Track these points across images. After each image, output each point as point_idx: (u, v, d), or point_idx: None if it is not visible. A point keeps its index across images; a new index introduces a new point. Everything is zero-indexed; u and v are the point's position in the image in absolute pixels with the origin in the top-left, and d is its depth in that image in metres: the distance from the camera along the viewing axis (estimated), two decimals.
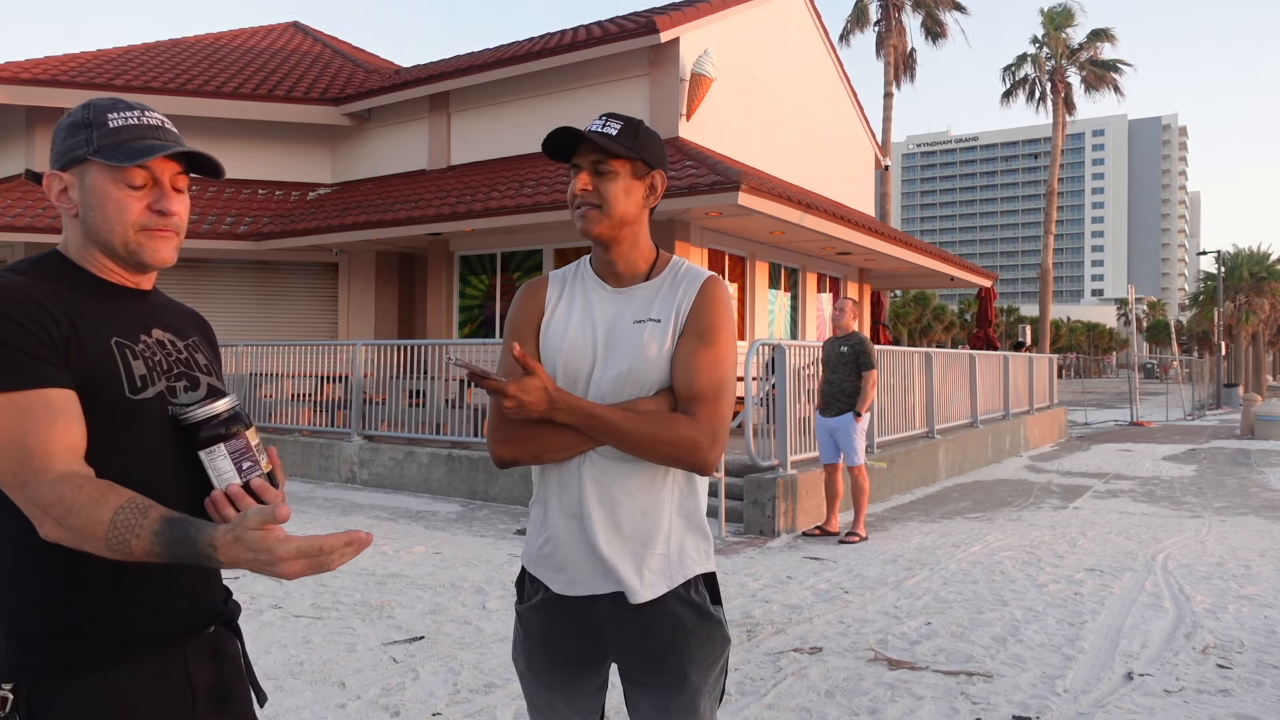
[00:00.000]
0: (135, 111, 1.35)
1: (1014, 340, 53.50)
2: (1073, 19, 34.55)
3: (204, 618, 1.37)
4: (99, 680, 1.23)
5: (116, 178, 1.31)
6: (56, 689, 1.21)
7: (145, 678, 1.27)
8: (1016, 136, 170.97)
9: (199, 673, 1.33)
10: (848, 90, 16.73)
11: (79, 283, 1.33)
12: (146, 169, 1.32)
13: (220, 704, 1.36)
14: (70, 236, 1.37)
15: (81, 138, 1.32)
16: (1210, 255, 39.88)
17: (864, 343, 7.26)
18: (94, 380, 1.25)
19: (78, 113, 1.34)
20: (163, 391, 1.33)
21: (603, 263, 1.75)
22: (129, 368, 1.29)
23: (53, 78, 13.61)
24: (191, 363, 1.42)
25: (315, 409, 10.86)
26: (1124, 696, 3.77)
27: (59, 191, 1.34)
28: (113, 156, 1.30)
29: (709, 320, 1.67)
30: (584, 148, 1.68)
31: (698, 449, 1.60)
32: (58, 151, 1.34)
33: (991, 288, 18.56)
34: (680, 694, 1.66)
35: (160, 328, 1.40)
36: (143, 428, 1.29)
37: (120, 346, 1.29)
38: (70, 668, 1.22)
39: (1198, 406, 28.85)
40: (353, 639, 4.43)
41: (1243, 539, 7.36)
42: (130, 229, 1.33)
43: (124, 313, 1.35)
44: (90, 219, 1.33)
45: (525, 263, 12.48)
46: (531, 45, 12.87)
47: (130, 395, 1.28)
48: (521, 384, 1.55)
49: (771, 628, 4.72)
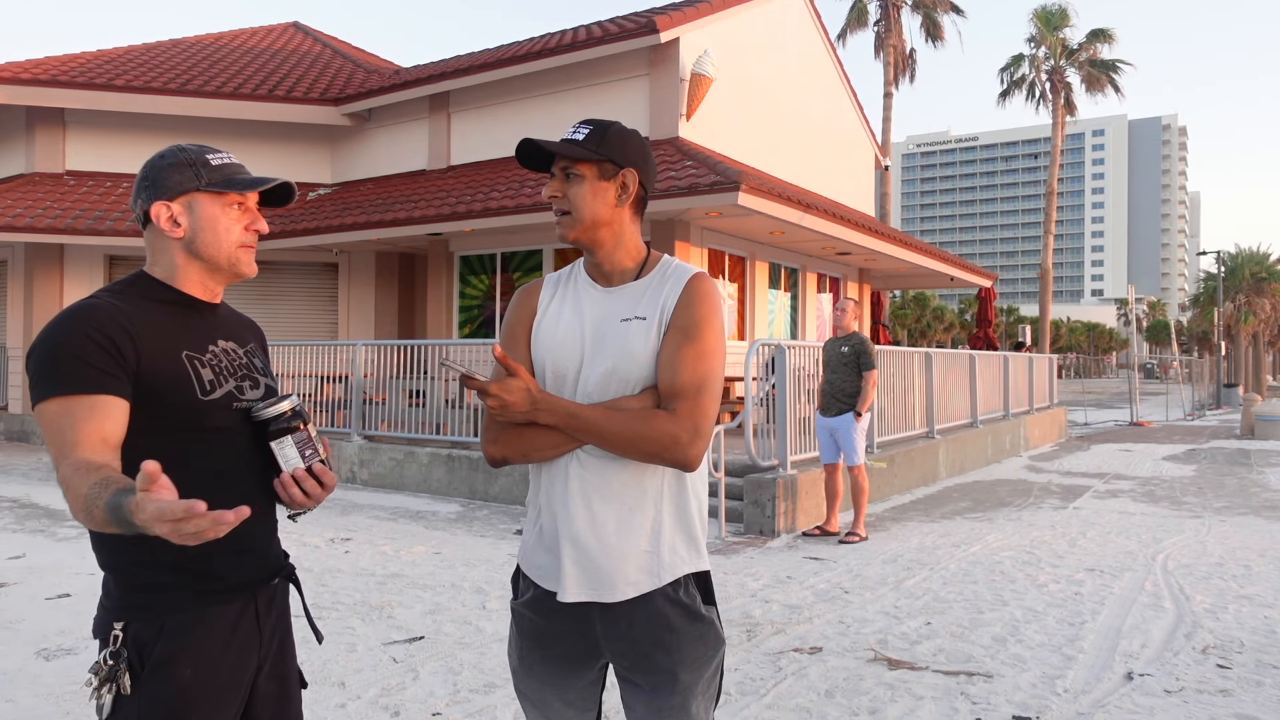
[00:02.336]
0: (224, 154, 1.65)
1: (1014, 340, 53.50)
2: (1068, 19, 34.51)
3: (271, 572, 1.68)
4: (191, 619, 1.52)
5: (227, 205, 1.62)
6: (159, 626, 1.49)
7: (228, 617, 1.57)
8: (1016, 136, 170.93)
9: (266, 615, 1.65)
10: (848, 90, 16.74)
11: (164, 298, 1.61)
12: (245, 197, 1.63)
13: (280, 643, 1.70)
14: (164, 258, 1.62)
15: (190, 174, 1.60)
16: (1210, 255, 39.90)
17: (864, 343, 7.26)
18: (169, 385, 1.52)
19: (176, 154, 1.61)
20: (231, 390, 1.61)
21: (591, 264, 1.79)
22: (199, 375, 1.56)
23: (53, 78, 13.61)
24: (251, 366, 1.70)
25: (315, 409, 10.85)
26: (1124, 696, 3.77)
27: (168, 218, 1.59)
28: (227, 187, 1.60)
29: (693, 315, 1.67)
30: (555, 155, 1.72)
31: (677, 444, 1.59)
32: (166, 186, 1.59)
33: (991, 288, 18.56)
34: (672, 695, 1.66)
35: (224, 338, 1.68)
36: (214, 421, 1.56)
37: (190, 359, 1.57)
38: (169, 608, 1.51)
39: (1198, 406, 28.83)
40: (353, 639, 4.43)
41: (1243, 539, 7.36)
42: (234, 245, 1.64)
43: (197, 326, 1.63)
44: (200, 239, 1.61)
45: (525, 263, 12.48)
46: (532, 45, 12.87)
47: (201, 397, 1.55)
48: (504, 385, 1.59)
49: (771, 628, 4.72)
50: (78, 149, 14.37)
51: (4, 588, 5.38)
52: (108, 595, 1.54)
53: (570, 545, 1.66)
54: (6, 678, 3.83)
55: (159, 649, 1.48)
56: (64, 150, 14.33)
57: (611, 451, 1.62)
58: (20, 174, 14.34)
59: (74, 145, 14.36)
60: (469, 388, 1.60)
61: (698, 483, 1.74)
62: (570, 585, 1.67)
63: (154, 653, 1.47)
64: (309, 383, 10.94)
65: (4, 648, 4.19)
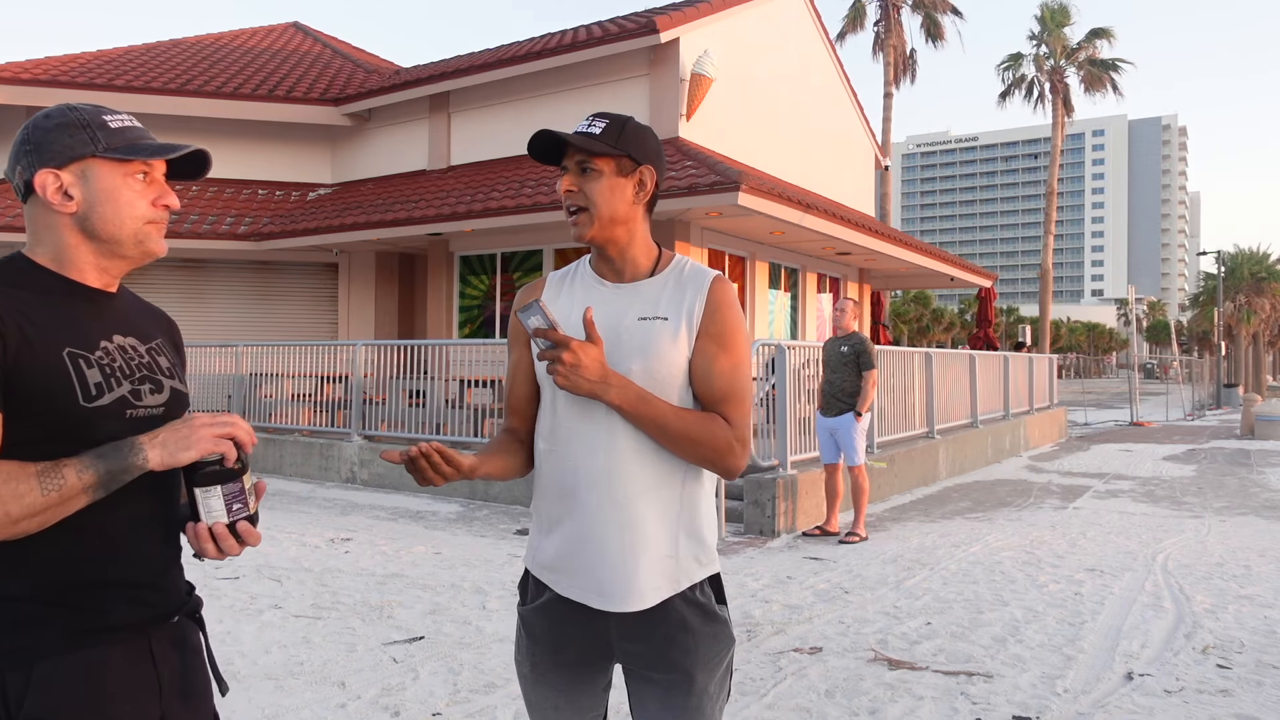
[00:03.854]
0: (124, 115, 1.41)
1: (1014, 340, 53.48)
2: (1069, 17, 34.51)
3: (170, 608, 1.43)
4: (69, 665, 1.28)
5: (128, 173, 1.37)
6: (28, 675, 1.25)
7: (115, 662, 1.32)
8: (1016, 136, 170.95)
9: (164, 660, 1.39)
10: (848, 90, 16.74)
11: (46, 286, 1.35)
12: (150, 166, 1.39)
13: (184, 690, 1.43)
14: (49, 238, 1.37)
15: (84, 136, 1.35)
16: (1210, 255, 39.92)
17: (864, 343, 7.26)
18: (45, 389, 1.28)
19: (65, 114, 1.36)
20: (124, 395, 1.36)
21: (603, 261, 1.74)
22: (82, 376, 1.31)
23: (53, 78, 13.61)
24: (154, 366, 1.45)
25: (315, 409, 10.87)
26: (1124, 696, 3.77)
27: (56, 189, 1.34)
28: (130, 153, 1.36)
29: (726, 325, 1.66)
30: (569, 149, 1.66)
31: (732, 453, 1.62)
32: (53, 150, 1.34)
33: (991, 288, 18.56)
34: (688, 695, 1.65)
35: (122, 333, 1.43)
36: (100, 431, 1.31)
37: (73, 357, 1.32)
38: (42, 654, 1.26)
39: (1198, 407, 28.84)
40: (353, 639, 4.43)
41: (1243, 539, 7.36)
42: (139, 221, 1.39)
43: (86, 319, 1.37)
44: (96, 214, 1.36)
45: (525, 263, 12.48)
46: (532, 45, 12.87)
47: (84, 403, 1.30)
48: (585, 345, 1.52)
49: (771, 628, 4.72)
50: None
51: None
52: None
53: (593, 552, 1.63)
54: None
55: (28, 706, 1.23)
56: None
57: (666, 446, 1.61)
58: None
59: None
60: (550, 339, 1.49)
61: (710, 487, 1.74)
62: (593, 593, 1.64)
63: (23, 711, 1.24)
64: (309, 383, 10.95)
65: None
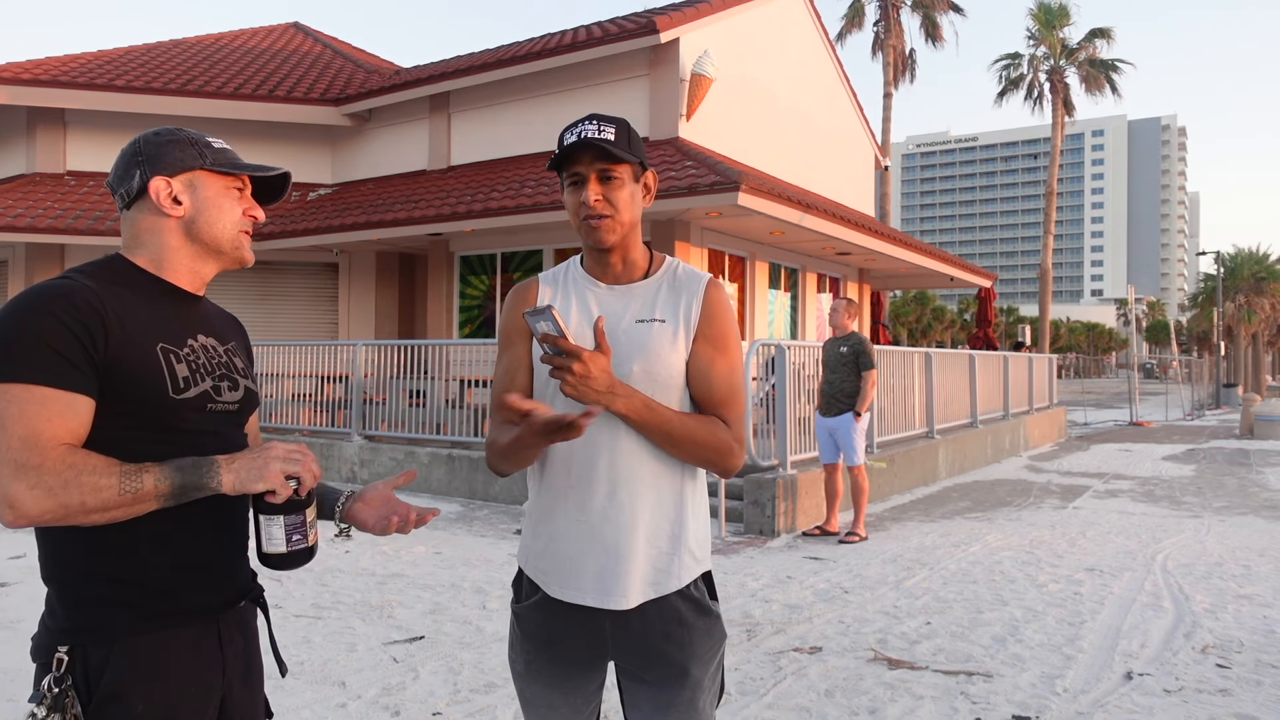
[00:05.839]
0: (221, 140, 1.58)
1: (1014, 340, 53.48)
2: (1068, 17, 34.46)
3: (237, 593, 1.54)
4: (146, 643, 1.38)
5: (228, 186, 1.54)
6: (108, 651, 1.35)
7: (186, 643, 1.42)
8: (1016, 137, 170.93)
9: (230, 643, 1.50)
10: (847, 90, 16.74)
11: (143, 286, 1.48)
12: (244, 182, 1.56)
13: (245, 672, 1.55)
14: (153, 240, 1.51)
15: (193, 152, 1.52)
16: (1210, 255, 39.91)
17: (864, 343, 7.27)
18: (140, 380, 1.39)
19: (174, 133, 1.53)
20: (207, 390, 1.49)
21: (601, 264, 1.74)
22: (172, 370, 1.44)
23: (53, 78, 13.61)
24: (231, 365, 1.58)
25: (315, 409, 10.87)
26: (1123, 696, 3.77)
27: (169, 195, 1.49)
28: (233, 169, 1.53)
29: (722, 328, 1.71)
30: (586, 155, 1.64)
31: (732, 453, 1.68)
32: (166, 161, 1.49)
33: (991, 288, 18.56)
34: (682, 690, 1.67)
35: (205, 333, 1.56)
36: (184, 422, 1.44)
37: (165, 352, 1.44)
38: (118, 631, 1.36)
39: (1197, 406, 28.84)
40: (353, 639, 4.43)
41: (1242, 539, 7.37)
42: (236, 228, 1.55)
43: (178, 318, 1.50)
44: (202, 218, 1.52)
45: (525, 263, 12.48)
46: (532, 45, 12.88)
47: (173, 395, 1.42)
48: (594, 355, 1.52)
49: (771, 627, 4.72)
50: (78, 149, 14.37)
51: (4, 587, 5.38)
52: (51, 614, 1.40)
53: (593, 550, 1.64)
54: (8, 677, 3.84)
55: (106, 680, 1.34)
56: (65, 150, 14.33)
57: (669, 451, 1.64)
58: (21, 174, 14.34)
59: (75, 145, 14.36)
60: (560, 348, 1.49)
61: (703, 485, 1.77)
62: (590, 591, 1.65)
63: (102, 684, 1.34)
64: (309, 383, 10.95)
65: (4, 648, 4.20)
